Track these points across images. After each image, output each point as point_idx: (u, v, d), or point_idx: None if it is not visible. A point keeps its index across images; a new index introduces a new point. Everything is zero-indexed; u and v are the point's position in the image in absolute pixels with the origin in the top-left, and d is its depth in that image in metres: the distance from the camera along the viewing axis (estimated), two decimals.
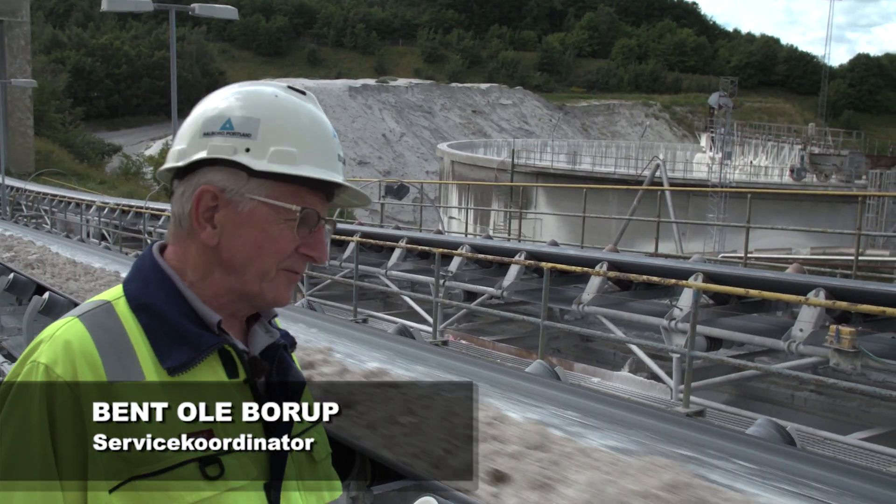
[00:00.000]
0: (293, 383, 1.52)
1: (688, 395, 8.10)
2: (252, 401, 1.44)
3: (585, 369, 10.08)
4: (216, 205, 1.45)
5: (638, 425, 4.90)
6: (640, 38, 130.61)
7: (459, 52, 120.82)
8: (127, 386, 1.34)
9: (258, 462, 1.41)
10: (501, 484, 3.94)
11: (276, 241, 1.44)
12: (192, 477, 1.33)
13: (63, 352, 1.33)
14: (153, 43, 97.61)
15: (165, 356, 1.38)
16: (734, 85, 45.72)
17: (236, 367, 1.46)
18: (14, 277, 11.16)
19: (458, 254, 12.71)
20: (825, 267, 16.78)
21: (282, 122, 1.45)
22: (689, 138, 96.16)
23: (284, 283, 1.48)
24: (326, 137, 1.49)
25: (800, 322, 8.64)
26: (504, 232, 28.09)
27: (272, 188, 1.44)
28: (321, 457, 1.57)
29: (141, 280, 1.47)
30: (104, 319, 1.40)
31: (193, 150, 1.47)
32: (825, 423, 8.64)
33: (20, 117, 56.44)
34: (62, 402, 1.31)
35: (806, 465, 4.24)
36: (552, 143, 62.51)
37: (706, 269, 10.00)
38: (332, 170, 1.48)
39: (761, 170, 47.67)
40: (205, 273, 1.47)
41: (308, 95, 1.52)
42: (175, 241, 1.50)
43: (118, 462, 1.31)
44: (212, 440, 1.36)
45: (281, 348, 1.54)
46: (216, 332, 1.44)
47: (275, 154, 1.43)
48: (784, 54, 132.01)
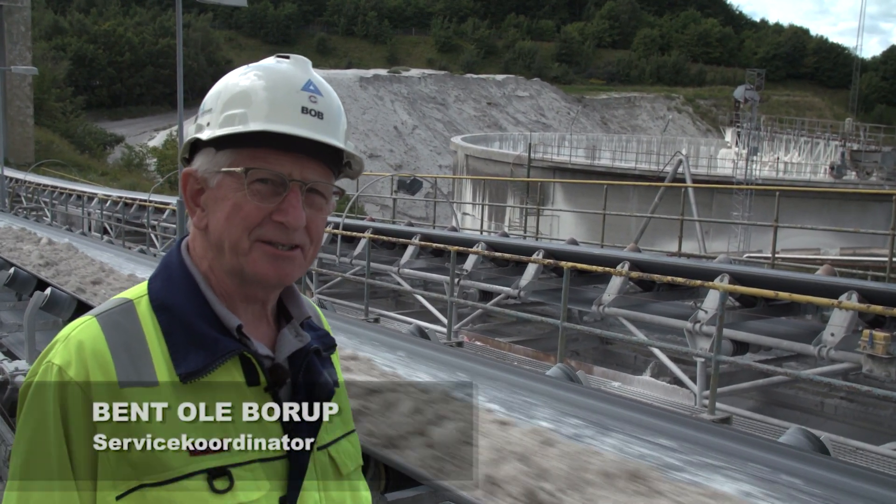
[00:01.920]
0: (321, 391, 1.49)
1: (713, 402, 8.06)
2: (272, 410, 1.43)
3: (605, 373, 10.05)
4: (200, 187, 1.47)
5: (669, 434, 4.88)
6: (662, 28, 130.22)
7: (474, 42, 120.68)
8: (138, 391, 1.34)
9: (275, 475, 1.40)
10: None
11: (240, 209, 1.42)
12: (199, 489, 1.33)
13: (76, 353, 1.35)
14: (157, 30, 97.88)
15: (180, 361, 1.38)
16: (761, 77, 45.38)
17: (257, 373, 1.44)
18: (15, 272, 11.20)
19: (475, 252, 12.70)
20: (856, 268, 16.70)
21: (238, 87, 1.45)
22: (713, 133, 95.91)
23: (262, 257, 1.43)
24: (284, 91, 1.44)
25: (831, 326, 8.59)
26: (520, 229, 28.06)
27: (234, 156, 1.43)
28: (348, 469, 1.54)
29: (165, 278, 1.48)
30: (122, 319, 1.40)
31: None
32: (857, 433, 8.59)
33: (20, 106, 56.65)
34: (74, 403, 1.33)
35: (841, 476, 4.21)
36: (570, 137, 62.50)
37: (733, 270, 9.97)
38: (289, 123, 1.41)
39: (790, 166, 47.49)
40: (209, 261, 1.47)
41: (293, 58, 1.50)
42: (191, 232, 1.53)
43: (126, 468, 1.32)
44: (223, 452, 1.35)
45: (311, 353, 1.51)
46: (235, 336, 1.43)
47: (224, 119, 1.43)
48: (813, 46, 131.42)
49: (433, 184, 28.27)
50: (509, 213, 36.64)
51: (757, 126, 40.45)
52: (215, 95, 1.48)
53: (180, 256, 1.50)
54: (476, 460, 3.90)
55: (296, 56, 1.51)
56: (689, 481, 3.88)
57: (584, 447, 4.33)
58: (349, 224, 16.30)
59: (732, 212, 31.86)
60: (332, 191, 1.50)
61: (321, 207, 1.48)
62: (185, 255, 1.50)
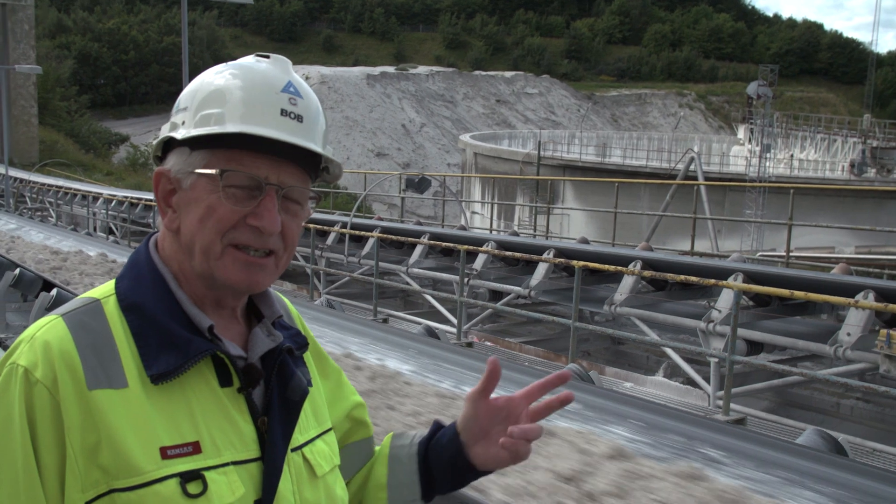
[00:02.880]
0: (294, 391, 1.47)
1: (727, 402, 8.03)
2: (246, 411, 1.41)
3: (618, 373, 10.02)
4: (173, 187, 1.44)
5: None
6: (673, 24, 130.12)
7: (483, 39, 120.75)
8: (108, 394, 1.31)
9: (250, 479, 1.38)
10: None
11: (214, 211, 1.38)
12: (172, 494, 1.29)
13: (43, 354, 1.31)
14: (162, 28, 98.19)
15: (151, 362, 1.35)
16: (774, 73, 45.28)
17: (230, 374, 1.42)
18: (20, 273, 11.21)
19: (484, 251, 12.69)
20: (872, 267, 16.65)
21: (216, 86, 1.42)
22: (725, 130, 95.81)
23: (234, 262, 1.40)
24: (263, 92, 1.41)
25: (847, 325, 8.56)
26: (530, 228, 28.05)
27: (209, 157, 1.40)
28: (323, 470, 1.52)
29: (133, 277, 1.45)
30: (89, 319, 1.38)
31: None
32: (874, 434, 8.56)
33: (24, 105, 56.84)
34: (41, 406, 1.29)
35: (860, 478, 4.20)
36: (580, 135, 62.50)
37: (747, 269, 9.94)
38: (267, 125, 1.38)
39: (806, 164, 47.40)
40: (179, 263, 1.44)
41: (273, 58, 1.47)
42: (160, 231, 1.50)
43: (95, 473, 1.29)
44: (196, 455, 1.33)
45: (284, 352, 1.49)
46: (207, 337, 1.40)
47: (201, 119, 1.40)
48: (827, 41, 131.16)
49: (442, 182, 28.26)
50: (519, 211, 36.64)
51: (770, 123, 40.36)
52: (191, 94, 1.45)
53: (149, 255, 1.47)
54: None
55: (275, 56, 1.47)
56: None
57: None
58: (357, 223, 16.31)
59: (745, 210, 31.79)
60: (308, 196, 1.48)
61: (296, 213, 1.46)
62: (153, 254, 1.48)
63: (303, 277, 14.72)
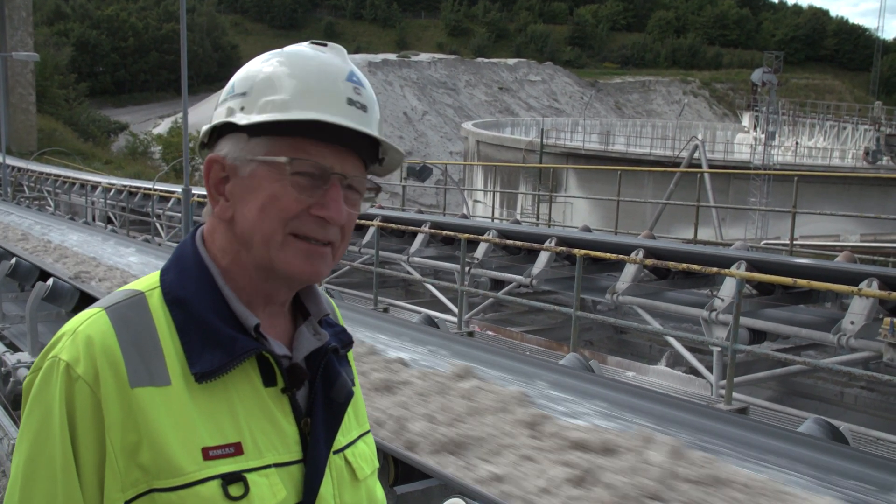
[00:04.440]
0: (339, 392, 1.46)
1: (730, 392, 8.03)
2: (289, 412, 1.40)
3: (620, 363, 10.02)
4: (226, 175, 1.41)
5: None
6: (678, 10, 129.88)
7: (485, 26, 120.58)
8: (150, 392, 1.29)
9: (291, 481, 1.36)
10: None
11: (277, 200, 1.36)
12: (213, 496, 1.28)
13: (85, 349, 1.30)
14: (161, 14, 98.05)
15: (195, 360, 1.33)
16: (779, 60, 45.19)
17: (274, 374, 1.40)
18: (17, 262, 11.22)
19: (485, 239, 12.68)
20: (877, 255, 16.62)
21: (277, 73, 1.39)
22: (729, 117, 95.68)
23: (296, 252, 1.38)
24: (330, 80, 1.39)
25: (851, 314, 8.54)
26: (532, 216, 28.04)
27: (271, 145, 1.37)
28: (365, 473, 1.51)
29: (179, 271, 1.43)
30: (133, 314, 1.36)
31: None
32: (877, 423, 8.56)
33: (21, 93, 56.79)
34: (82, 402, 1.28)
35: (860, 466, 4.20)
36: (584, 122, 62.44)
37: (750, 257, 9.92)
38: (336, 114, 1.36)
39: (814, 152, 47.33)
40: (233, 255, 1.41)
41: (330, 46, 1.45)
42: (208, 222, 1.47)
43: (135, 472, 1.28)
44: (238, 456, 1.32)
45: (330, 352, 1.48)
46: (253, 335, 1.38)
47: (264, 105, 1.37)
48: (833, 27, 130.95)
49: (443, 170, 28.24)
50: (521, 199, 36.61)
51: (775, 110, 40.29)
52: (248, 78, 1.41)
53: (195, 248, 1.44)
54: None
55: (332, 44, 1.45)
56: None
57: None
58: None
59: (750, 198, 31.77)
60: (365, 187, 1.46)
61: (356, 204, 1.44)
62: (200, 247, 1.45)
63: None
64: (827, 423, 5.27)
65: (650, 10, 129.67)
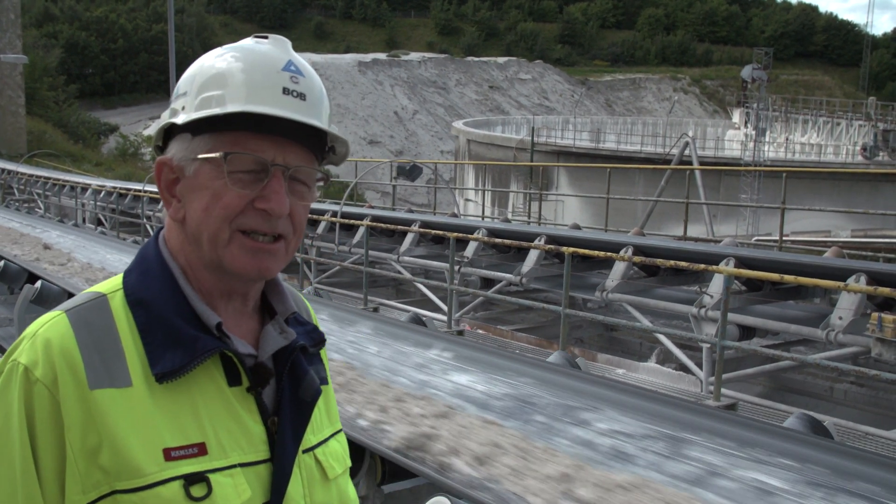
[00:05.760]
0: (306, 390, 1.45)
1: (718, 388, 8.05)
2: (255, 411, 1.39)
3: (610, 360, 10.04)
4: (176, 176, 1.42)
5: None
6: (667, 8, 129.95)
7: (475, 24, 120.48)
8: (110, 394, 1.29)
9: (258, 481, 1.36)
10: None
11: (220, 198, 1.36)
12: (175, 497, 1.28)
13: (43, 352, 1.30)
14: (151, 16, 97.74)
15: (157, 360, 1.33)
16: (769, 56, 45.33)
17: (239, 373, 1.40)
18: (5, 265, 11.19)
19: (475, 238, 12.68)
20: (867, 250, 16.68)
21: (215, 68, 1.40)
22: (720, 114, 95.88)
23: (242, 249, 1.38)
24: (266, 72, 1.38)
25: (839, 309, 8.56)
26: (523, 215, 28.08)
27: (213, 142, 1.38)
28: (336, 472, 1.51)
29: (142, 272, 1.43)
30: (93, 316, 1.36)
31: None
32: (866, 418, 8.59)
33: (11, 95, 56.57)
34: (41, 405, 1.28)
35: (846, 460, 4.21)
36: (574, 121, 62.37)
37: (738, 254, 9.93)
38: (270, 104, 1.35)
39: (807, 148, 47.46)
40: (187, 254, 1.42)
41: (271, 38, 1.44)
42: (166, 224, 1.48)
43: (97, 474, 1.27)
44: (202, 457, 1.31)
45: (297, 351, 1.47)
46: (215, 334, 1.38)
47: (202, 102, 1.38)
48: (822, 23, 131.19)
49: (434, 169, 28.23)
50: (512, 198, 36.68)
51: (766, 106, 40.39)
52: (190, 78, 1.42)
53: (158, 249, 1.45)
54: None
55: (274, 36, 1.45)
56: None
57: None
58: (347, 212, 16.28)
59: (741, 194, 31.85)
60: (315, 177, 1.45)
61: (304, 195, 1.43)
62: (162, 247, 1.45)
63: (293, 266, 14.69)
64: (811, 418, 5.29)
65: (640, 7, 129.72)
